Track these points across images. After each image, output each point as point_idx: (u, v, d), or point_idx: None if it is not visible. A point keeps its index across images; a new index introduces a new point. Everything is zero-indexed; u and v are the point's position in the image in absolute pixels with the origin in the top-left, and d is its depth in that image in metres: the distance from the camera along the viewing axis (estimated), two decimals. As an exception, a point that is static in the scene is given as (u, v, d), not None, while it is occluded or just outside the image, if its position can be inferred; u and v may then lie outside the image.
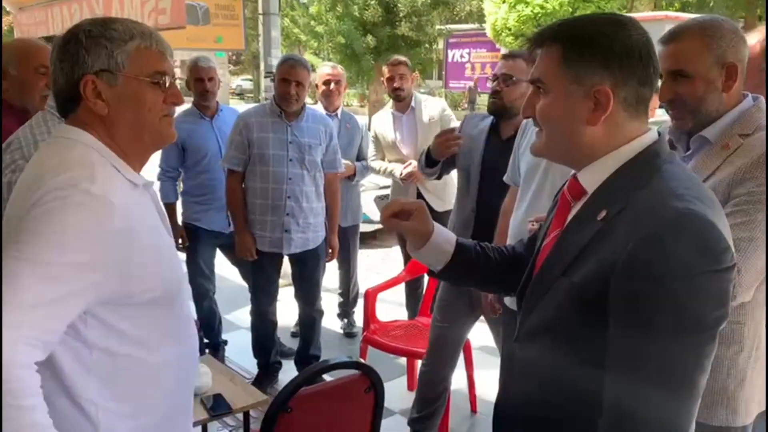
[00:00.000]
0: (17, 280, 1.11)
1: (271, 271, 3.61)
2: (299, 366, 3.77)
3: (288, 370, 3.78)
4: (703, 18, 1.71)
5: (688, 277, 0.97)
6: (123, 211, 1.24)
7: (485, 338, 3.03)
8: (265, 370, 3.75)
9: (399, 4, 15.99)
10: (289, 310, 4.10)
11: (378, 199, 6.74)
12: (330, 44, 17.17)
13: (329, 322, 4.34)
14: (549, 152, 1.24)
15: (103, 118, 1.33)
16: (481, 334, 3.05)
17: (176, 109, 1.44)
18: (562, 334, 1.15)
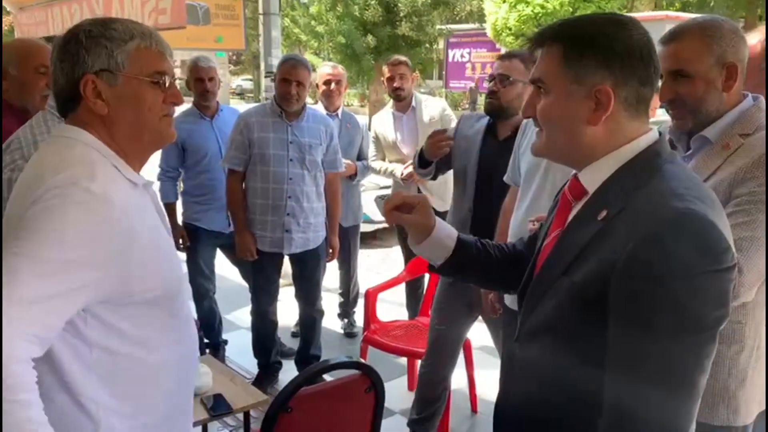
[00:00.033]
0: (16, 275, 1.11)
1: (271, 271, 3.61)
2: (299, 366, 3.77)
3: (288, 370, 3.78)
4: (703, 18, 1.72)
5: (688, 277, 0.97)
6: (123, 210, 1.24)
7: (485, 338, 3.02)
8: (265, 370, 3.75)
9: (399, 4, 15.98)
10: (290, 310, 4.10)
11: (378, 199, 6.75)
12: (330, 44, 17.16)
13: (329, 322, 4.34)
14: (550, 152, 1.24)
15: (103, 117, 1.33)
16: (481, 334, 3.05)
17: (176, 109, 1.44)
18: (562, 334, 1.15)
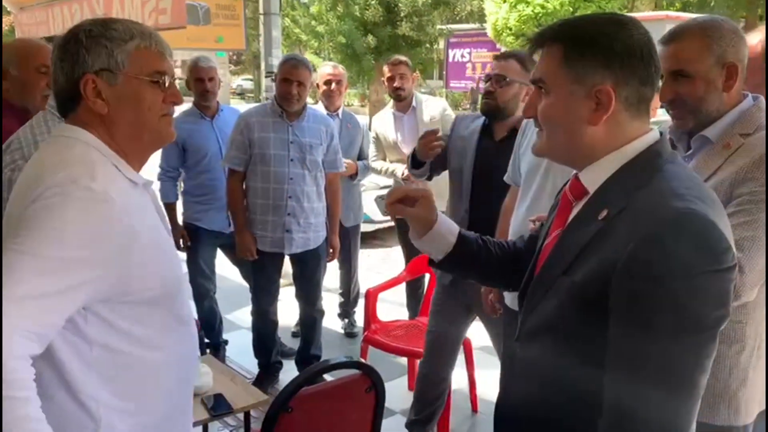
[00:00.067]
0: (16, 273, 1.11)
1: (271, 271, 3.61)
2: (300, 366, 3.77)
3: (289, 370, 3.78)
4: (703, 18, 1.72)
5: (688, 277, 0.97)
6: (123, 209, 1.24)
7: (485, 338, 3.02)
8: (265, 369, 3.75)
9: (400, 4, 15.96)
10: (290, 309, 4.10)
11: (379, 199, 6.74)
12: (331, 44, 17.15)
13: (330, 322, 4.34)
14: (550, 152, 1.24)
15: (103, 117, 1.33)
16: (481, 334, 3.05)
17: (177, 109, 1.44)
18: (563, 334, 1.15)
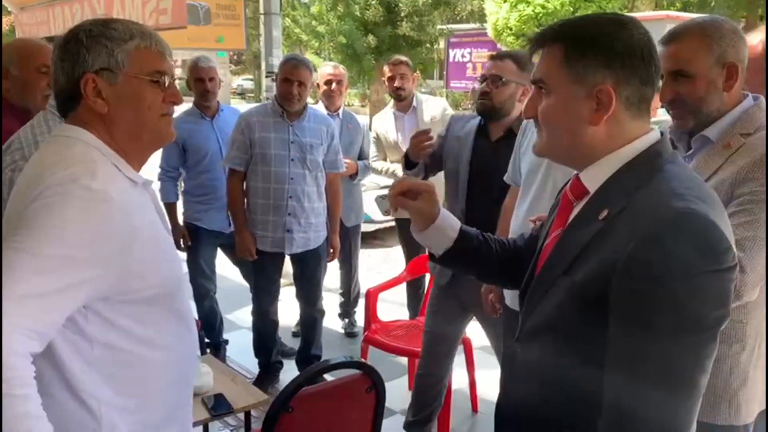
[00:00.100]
0: (15, 271, 1.11)
1: (272, 271, 3.61)
2: (300, 366, 3.77)
3: (289, 370, 3.78)
4: (703, 18, 1.72)
5: (687, 277, 0.97)
6: (123, 208, 1.25)
7: (486, 338, 3.02)
8: (266, 369, 3.75)
9: (400, 4, 15.95)
10: (291, 309, 4.10)
11: (379, 199, 6.75)
12: (331, 44, 17.14)
13: (330, 321, 4.34)
14: (551, 152, 1.24)
15: (103, 116, 1.33)
16: (481, 333, 3.04)
17: (177, 109, 1.44)
18: (563, 333, 1.15)
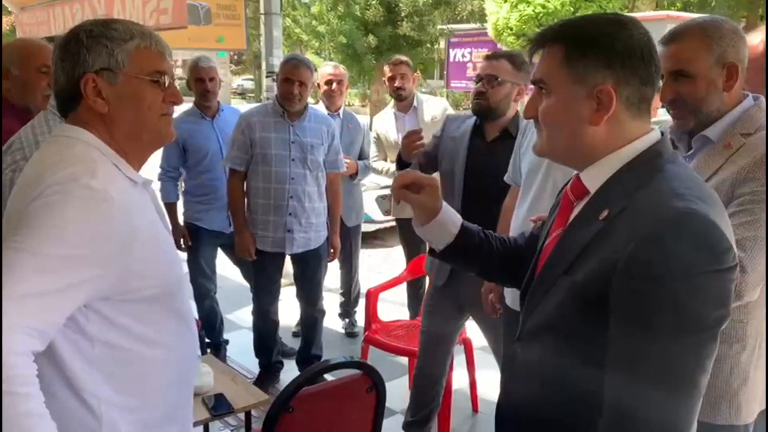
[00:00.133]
0: (16, 270, 1.11)
1: (272, 271, 3.61)
2: (301, 366, 3.77)
3: (289, 370, 3.79)
4: (703, 18, 1.72)
5: (687, 277, 0.97)
6: (123, 207, 1.25)
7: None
8: (266, 369, 3.76)
9: (400, 4, 15.94)
10: (291, 309, 4.10)
11: (380, 199, 6.75)
12: (331, 44, 17.13)
13: (331, 321, 4.34)
14: (551, 152, 1.24)
15: (103, 116, 1.34)
16: (482, 334, 3.04)
17: (177, 109, 1.44)
18: (563, 333, 1.15)
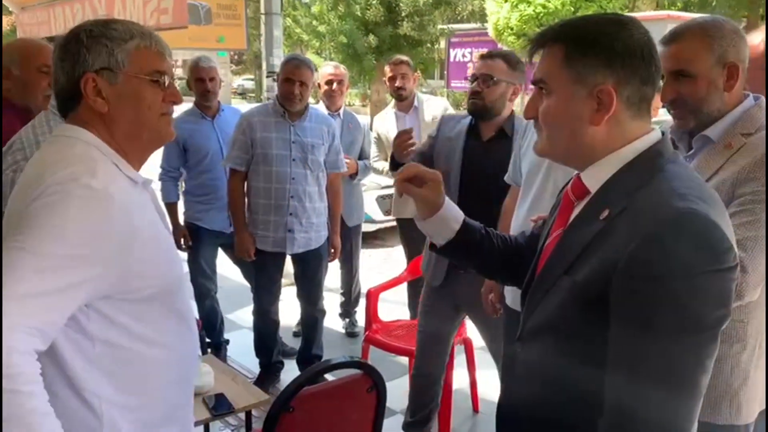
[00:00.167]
0: (16, 270, 1.11)
1: (273, 271, 3.61)
2: (301, 366, 3.77)
3: (290, 370, 3.79)
4: (704, 18, 1.72)
5: (688, 276, 0.97)
6: (123, 207, 1.25)
7: (487, 338, 3.02)
8: (267, 369, 3.76)
9: (401, 4, 15.93)
10: (292, 309, 4.10)
11: (380, 199, 6.75)
12: (332, 44, 17.13)
13: (331, 321, 4.34)
14: (552, 152, 1.24)
15: (103, 116, 1.34)
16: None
17: (177, 108, 1.44)
18: (564, 333, 1.15)
